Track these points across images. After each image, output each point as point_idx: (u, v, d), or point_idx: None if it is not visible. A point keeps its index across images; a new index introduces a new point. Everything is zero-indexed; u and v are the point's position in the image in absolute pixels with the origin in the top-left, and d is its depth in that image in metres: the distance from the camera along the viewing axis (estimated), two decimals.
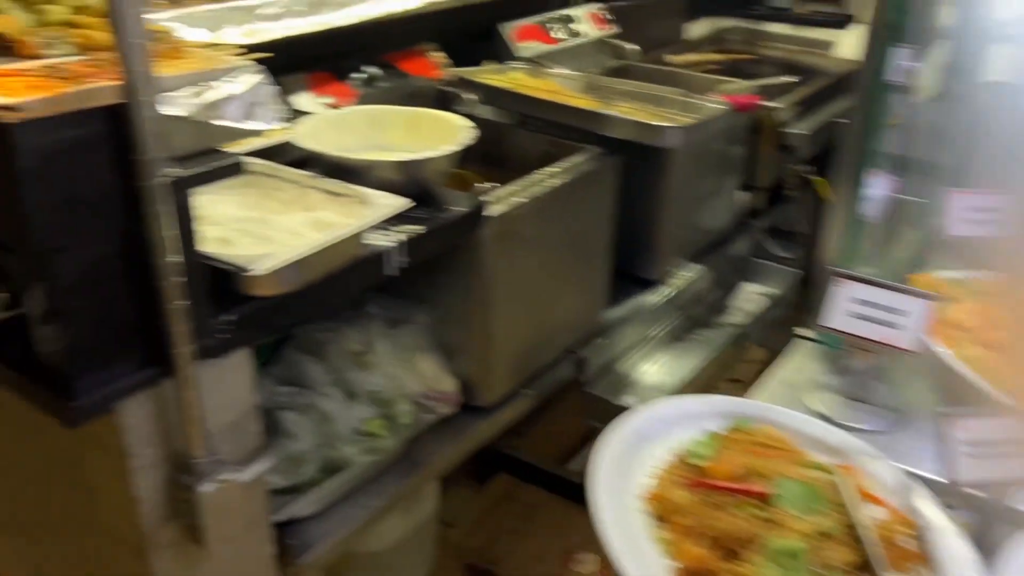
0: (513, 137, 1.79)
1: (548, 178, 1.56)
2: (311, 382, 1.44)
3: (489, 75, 1.89)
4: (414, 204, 1.25)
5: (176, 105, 0.95)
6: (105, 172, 0.90)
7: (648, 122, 1.64)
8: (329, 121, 1.46)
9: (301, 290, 1.10)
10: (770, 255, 2.35)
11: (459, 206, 1.38)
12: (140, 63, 0.87)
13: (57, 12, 1.06)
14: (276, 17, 1.45)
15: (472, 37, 1.96)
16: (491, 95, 1.83)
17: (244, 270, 1.03)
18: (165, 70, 0.96)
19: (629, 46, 2.21)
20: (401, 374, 1.49)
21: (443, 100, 1.82)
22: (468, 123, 1.46)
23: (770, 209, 2.31)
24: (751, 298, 2.23)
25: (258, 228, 1.20)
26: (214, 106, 0.98)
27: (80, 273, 0.91)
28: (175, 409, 1.04)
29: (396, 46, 1.77)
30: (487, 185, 1.43)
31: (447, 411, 1.53)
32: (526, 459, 2.24)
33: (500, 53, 1.97)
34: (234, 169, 0.99)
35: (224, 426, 1.11)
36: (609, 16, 2.25)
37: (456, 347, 1.54)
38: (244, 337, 1.09)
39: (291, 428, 1.35)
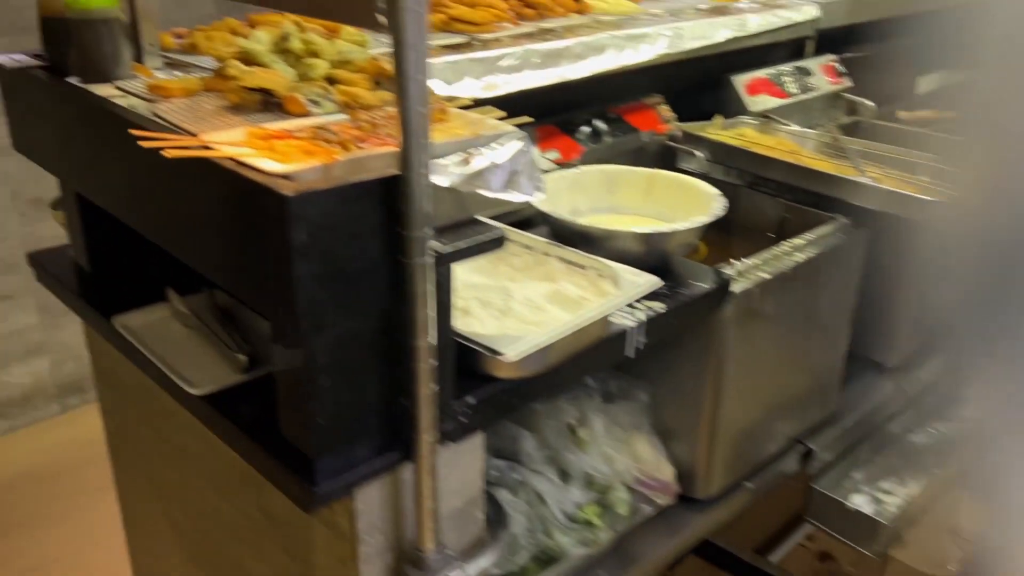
0: (744, 200, 1.64)
1: (793, 251, 1.40)
2: (524, 457, 1.34)
3: (717, 131, 1.76)
4: (664, 283, 1.14)
5: (443, 174, 0.87)
6: (370, 246, 0.84)
7: (912, 194, 1.45)
8: (565, 180, 1.37)
9: (543, 372, 1.01)
10: None
11: (702, 282, 1.25)
12: (420, 133, 0.80)
13: (321, 67, 1.03)
14: (514, 69, 1.38)
15: (699, 89, 1.84)
16: (720, 152, 1.69)
17: (496, 353, 0.94)
18: (434, 136, 0.89)
19: (865, 102, 2.02)
20: (616, 455, 1.37)
21: (668, 156, 1.70)
22: (716, 191, 1.33)
23: None
24: None
25: (496, 298, 1.12)
26: (479, 175, 0.91)
27: (335, 350, 0.85)
28: (408, 495, 0.96)
29: (624, 99, 1.67)
30: (739, 262, 1.30)
31: (664, 502, 1.39)
32: (721, 544, 2.05)
33: (729, 106, 1.83)
34: (497, 243, 0.90)
35: (452, 513, 1.03)
36: (842, 69, 2.07)
37: (676, 431, 1.40)
38: (482, 420, 1.01)
39: (506, 508, 1.25)
